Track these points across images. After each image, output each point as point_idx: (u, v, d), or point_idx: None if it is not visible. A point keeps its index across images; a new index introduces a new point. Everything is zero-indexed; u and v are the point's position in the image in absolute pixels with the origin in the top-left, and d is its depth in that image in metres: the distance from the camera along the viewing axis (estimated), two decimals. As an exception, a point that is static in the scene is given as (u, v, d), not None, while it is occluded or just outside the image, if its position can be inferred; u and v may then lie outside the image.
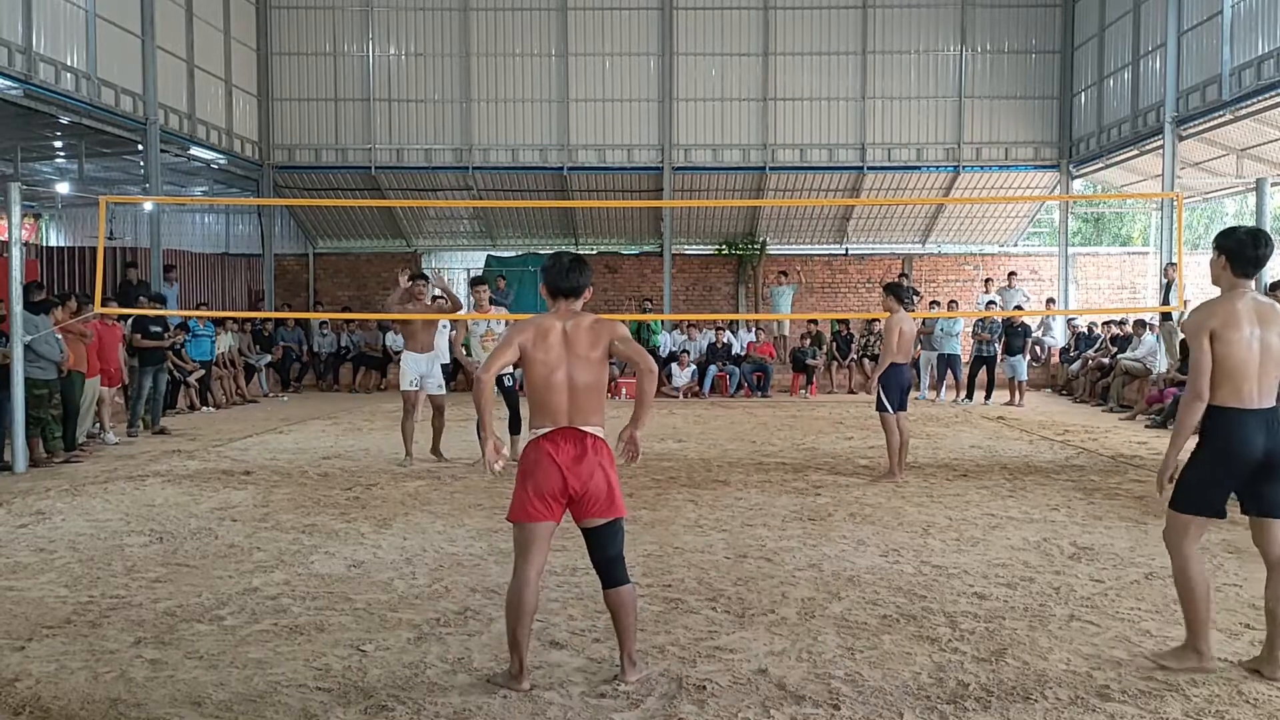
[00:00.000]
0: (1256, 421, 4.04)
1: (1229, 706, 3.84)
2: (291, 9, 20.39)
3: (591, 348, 3.97)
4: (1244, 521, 7.04)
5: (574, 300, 4.11)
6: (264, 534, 6.73)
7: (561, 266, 4.12)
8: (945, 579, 5.60)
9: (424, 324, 9.94)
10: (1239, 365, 4.02)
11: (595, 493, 3.92)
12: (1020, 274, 20.48)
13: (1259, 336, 4.04)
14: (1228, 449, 4.07)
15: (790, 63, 20.38)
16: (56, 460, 9.84)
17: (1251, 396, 4.04)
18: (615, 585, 4.02)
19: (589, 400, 3.96)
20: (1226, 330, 4.02)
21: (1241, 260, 4.11)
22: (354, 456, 10.39)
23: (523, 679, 3.98)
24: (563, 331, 3.99)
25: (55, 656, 4.37)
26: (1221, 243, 4.16)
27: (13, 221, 10.11)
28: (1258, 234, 4.13)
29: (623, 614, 4.03)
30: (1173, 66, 15.90)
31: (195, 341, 14.99)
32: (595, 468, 3.92)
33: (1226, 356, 4.03)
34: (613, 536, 4.01)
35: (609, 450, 4.01)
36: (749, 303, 21.58)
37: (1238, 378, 4.03)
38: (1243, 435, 4.04)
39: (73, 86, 13.77)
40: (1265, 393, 4.07)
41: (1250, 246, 4.09)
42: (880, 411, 9.01)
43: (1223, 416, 4.08)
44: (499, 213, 21.79)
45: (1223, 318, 4.04)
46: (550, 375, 3.94)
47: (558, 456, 3.89)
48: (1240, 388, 4.04)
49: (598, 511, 3.95)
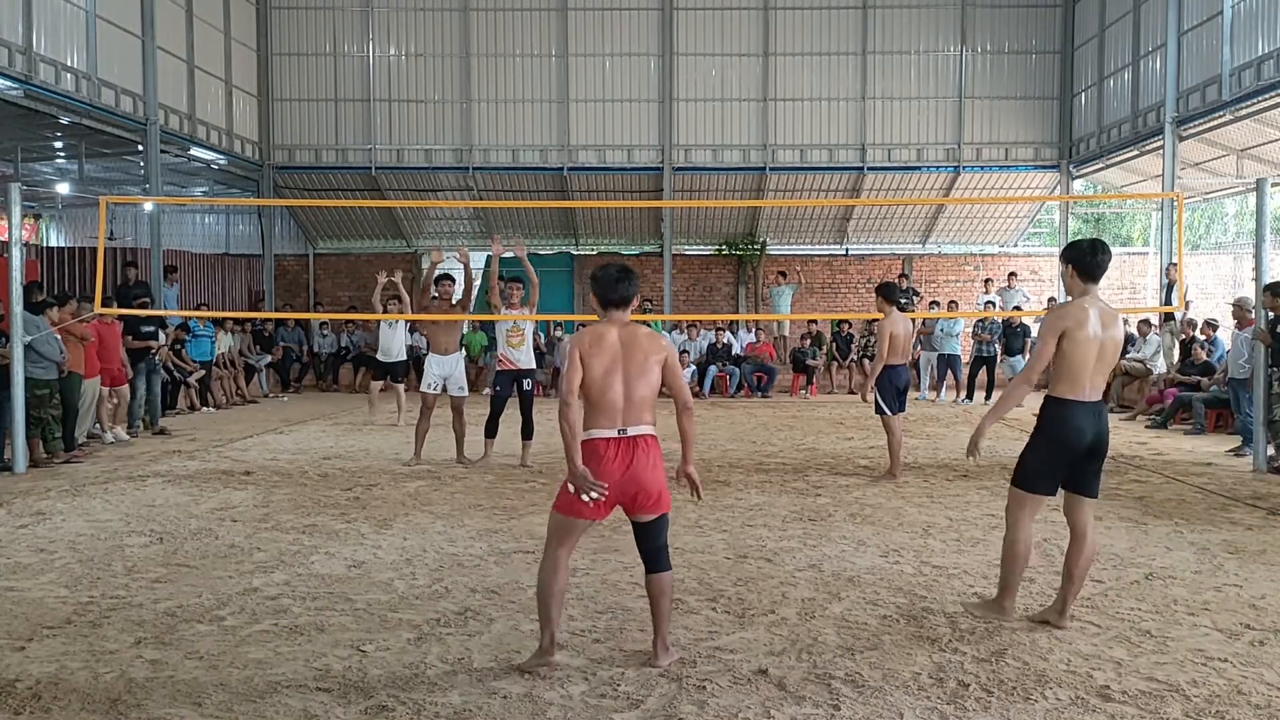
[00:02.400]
0: (1087, 412, 4.59)
1: (1229, 707, 3.84)
2: (291, 9, 20.40)
3: (645, 356, 4.13)
4: (1244, 523, 7.09)
5: (624, 310, 4.26)
6: (264, 534, 6.73)
7: (610, 278, 4.25)
8: (945, 579, 5.61)
9: (446, 325, 9.89)
10: (1080, 362, 4.55)
11: (648, 492, 4.09)
12: (1020, 274, 20.48)
13: (1100, 337, 4.57)
14: (1063, 436, 4.60)
15: (790, 63, 20.39)
16: (56, 460, 9.84)
17: (1085, 390, 4.58)
18: (658, 571, 4.22)
19: (643, 403, 4.11)
20: (1078, 331, 4.54)
21: (1085, 268, 4.65)
22: (354, 457, 10.39)
23: (553, 651, 4.15)
24: (618, 338, 4.15)
25: (55, 657, 4.37)
26: (1069, 254, 4.72)
27: (13, 222, 10.11)
28: (1096, 244, 4.70)
29: (662, 599, 4.21)
30: (1173, 67, 15.90)
31: (195, 342, 14.99)
32: (648, 469, 4.08)
33: (1072, 354, 4.54)
34: (661, 529, 4.22)
35: (659, 449, 4.16)
36: (749, 303, 21.58)
37: (1077, 373, 4.56)
38: (1077, 424, 4.58)
39: (73, 87, 13.77)
40: (1096, 387, 4.63)
41: (1091, 255, 4.64)
42: (880, 415, 9.01)
43: (1060, 407, 4.62)
44: (499, 213, 21.80)
45: (1076, 319, 4.56)
46: (606, 378, 4.08)
47: (614, 462, 4.04)
48: (1078, 382, 4.57)
49: (650, 508, 4.14)
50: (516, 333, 9.56)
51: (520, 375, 9.48)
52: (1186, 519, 7.18)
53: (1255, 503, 7.86)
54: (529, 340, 9.63)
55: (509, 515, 7.34)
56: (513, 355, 9.52)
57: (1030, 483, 4.72)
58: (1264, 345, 9.39)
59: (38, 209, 22.57)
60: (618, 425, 4.07)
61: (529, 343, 9.62)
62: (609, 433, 4.07)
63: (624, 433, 4.07)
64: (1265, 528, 6.97)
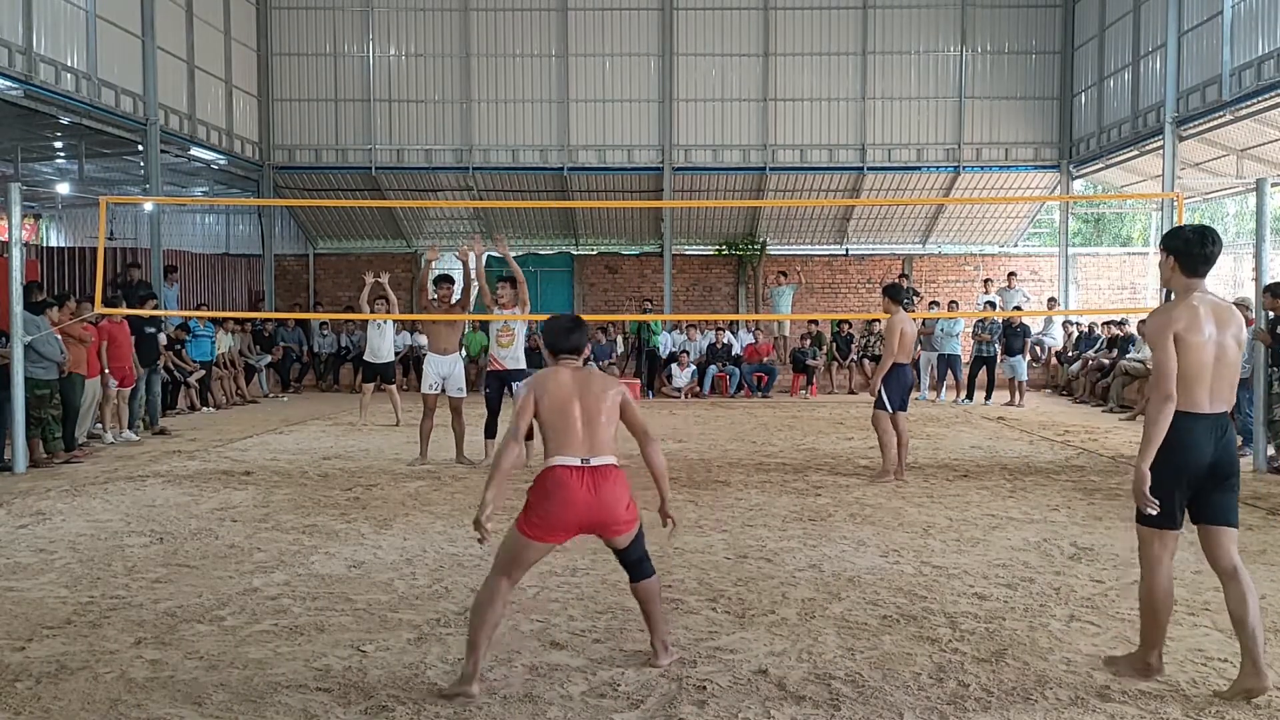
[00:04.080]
0: (1204, 426, 3.91)
1: (1229, 707, 3.84)
2: (291, 9, 20.39)
3: (603, 389, 4.16)
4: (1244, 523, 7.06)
5: (575, 358, 4.29)
6: (264, 534, 6.73)
7: (561, 327, 4.30)
8: (945, 579, 5.61)
9: (446, 326, 9.88)
10: (1196, 369, 3.88)
11: (615, 520, 4.08)
12: (1020, 274, 20.48)
13: (1216, 339, 3.91)
14: (1174, 454, 3.90)
15: (790, 63, 20.38)
16: (56, 460, 9.84)
17: (1202, 400, 3.91)
18: (642, 579, 4.22)
19: (604, 435, 4.08)
20: (1189, 334, 3.88)
21: (1190, 260, 3.97)
22: (354, 457, 10.39)
23: (474, 682, 3.90)
24: (572, 375, 4.18)
25: (55, 657, 4.37)
26: (1169, 243, 4.03)
27: (13, 222, 10.11)
28: (1205, 231, 3.99)
29: (651, 603, 4.23)
30: (1173, 67, 15.90)
31: (195, 342, 14.99)
32: (614, 500, 4.05)
33: (1186, 360, 3.87)
34: (638, 544, 4.21)
35: (624, 477, 4.14)
36: (749, 303, 21.58)
37: (1190, 381, 3.88)
38: (1191, 441, 3.89)
39: (73, 87, 13.77)
40: (1219, 398, 3.94)
41: (1199, 245, 3.95)
42: (878, 410, 9.01)
43: (1174, 420, 3.90)
44: (499, 213, 21.79)
45: (1186, 320, 3.89)
46: (564, 407, 4.07)
47: (579, 490, 3.99)
48: (1193, 392, 3.89)
49: (621, 532, 4.13)
50: (506, 332, 9.55)
51: (509, 376, 9.45)
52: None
53: (1255, 503, 7.85)
54: (519, 340, 9.60)
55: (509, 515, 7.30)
56: (500, 355, 9.52)
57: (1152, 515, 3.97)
58: (1264, 345, 9.38)
59: (38, 209, 22.56)
60: (580, 454, 4.03)
61: (519, 343, 9.59)
62: (573, 460, 4.02)
63: (587, 462, 4.02)
64: (1265, 528, 6.97)
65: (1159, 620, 4.02)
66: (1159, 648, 4.08)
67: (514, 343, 9.52)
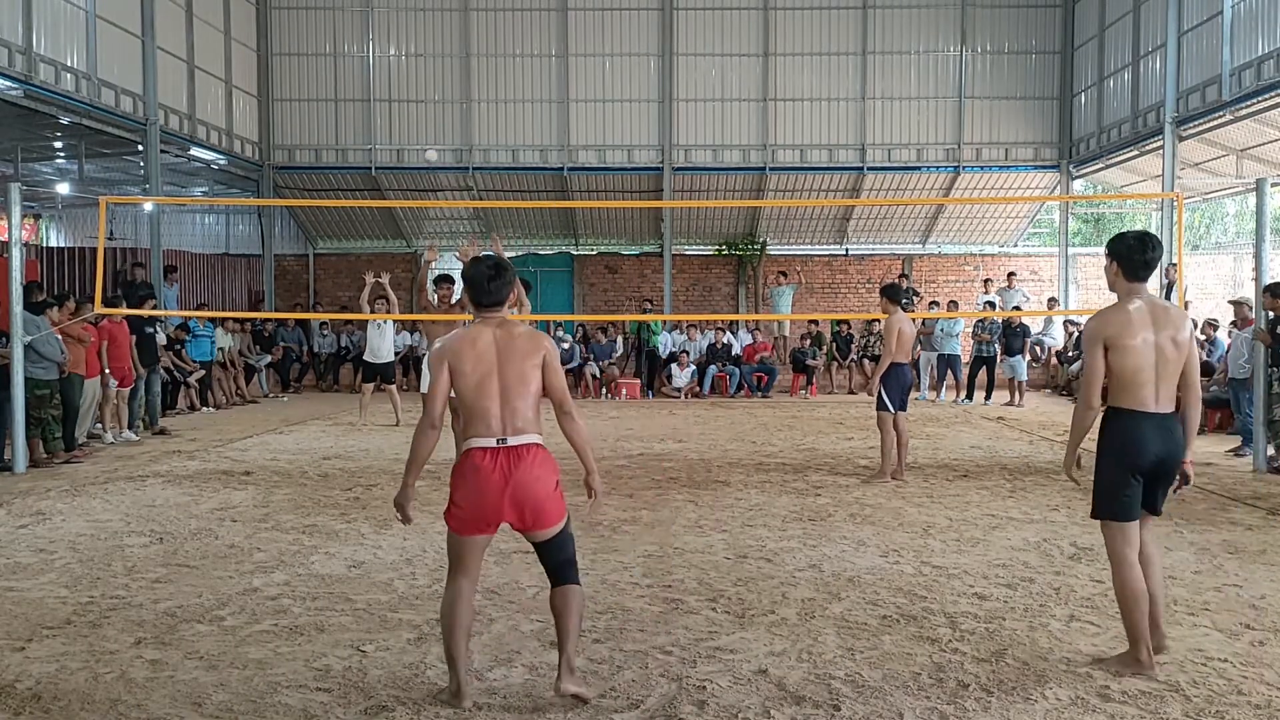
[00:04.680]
0: (1152, 424, 4.10)
1: (1229, 707, 3.84)
2: (291, 9, 20.39)
3: (525, 357, 3.78)
4: (1244, 523, 7.09)
5: (498, 310, 3.90)
6: (264, 534, 6.73)
7: (481, 276, 3.86)
8: (945, 579, 5.60)
9: (446, 326, 9.87)
10: (1134, 372, 4.08)
11: (535, 506, 3.71)
12: (1020, 274, 20.48)
13: (1154, 342, 4.10)
14: (1123, 450, 4.12)
15: (790, 63, 20.38)
16: (56, 460, 9.84)
17: (1147, 399, 4.10)
18: (564, 583, 3.82)
19: (524, 407, 3.74)
20: (1122, 338, 4.08)
21: (1131, 265, 4.18)
22: (354, 457, 10.39)
23: (463, 698, 3.78)
24: (493, 339, 3.80)
25: (55, 657, 4.37)
26: (1112, 248, 4.24)
27: (13, 222, 10.11)
28: (1145, 238, 4.20)
29: (568, 615, 3.79)
30: (1173, 67, 15.90)
31: (195, 342, 14.99)
32: (533, 480, 3.70)
33: (1122, 364, 4.08)
34: (562, 544, 3.83)
35: (548, 458, 3.78)
36: (749, 303, 21.58)
37: (1134, 383, 4.09)
38: (1136, 436, 4.10)
39: (73, 87, 13.77)
40: (1165, 397, 4.12)
41: (1139, 251, 4.15)
42: (880, 410, 9.02)
43: (1117, 418, 4.16)
44: (499, 213, 21.79)
45: (1117, 326, 4.10)
46: (481, 383, 3.73)
47: (494, 474, 3.68)
48: (1139, 391, 4.10)
49: (543, 523, 3.75)
50: None
51: None
52: (1186, 519, 7.18)
53: (1255, 503, 7.86)
54: None
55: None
56: None
57: (1106, 507, 4.17)
58: (1264, 345, 9.39)
59: (38, 209, 22.56)
60: (496, 434, 3.72)
61: None
62: (487, 442, 3.71)
63: (504, 442, 3.70)
64: (1265, 528, 6.97)
65: (1137, 612, 4.10)
66: (1145, 641, 4.11)
67: None
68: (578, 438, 3.89)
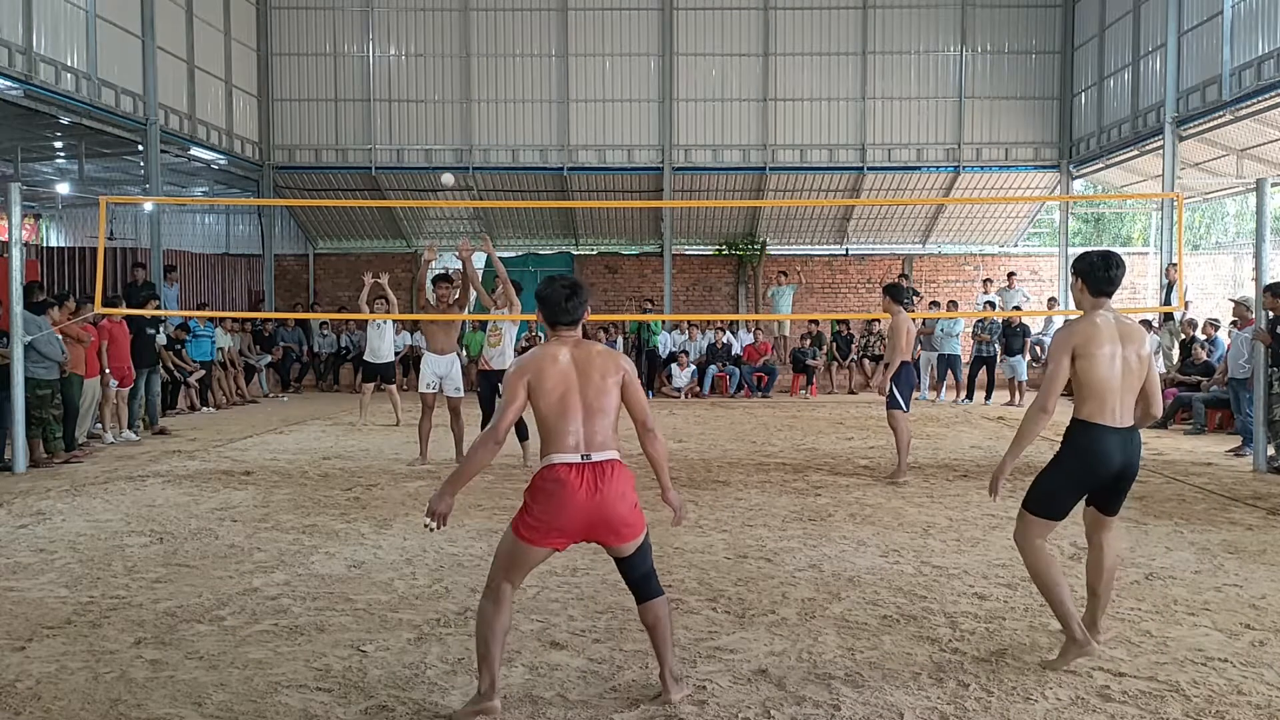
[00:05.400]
0: (1115, 438, 4.21)
1: (1229, 707, 3.84)
2: (291, 9, 20.39)
3: (604, 375, 3.76)
4: (1244, 523, 7.09)
5: (574, 329, 3.87)
6: (264, 534, 6.73)
7: (558, 296, 3.82)
8: (945, 579, 5.61)
9: (443, 325, 9.87)
10: (1102, 383, 4.18)
11: (622, 521, 3.73)
12: (1020, 274, 20.48)
13: (1121, 355, 4.21)
14: (1087, 462, 4.23)
15: (790, 63, 20.38)
16: (56, 460, 9.84)
17: (1112, 414, 4.20)
18: (650, 598, 3.84)
19: (604, 424, 3.74)
20: (1089, 347, 4.18)
21: (1095, 281, 4.31)
22: (354, 457, 10.39)
23: (494, 695, 3.71)
24: (571, 357, 3.77)
25: (56, 657, 4.37)
26: (1077, 266, 4.40)
27: (13, 222, 10.11)
28: (1109, 256, 4.35)
29: (660, 626, 3.83)
30: (1173, 67, 15.90)
31: (195, 342, 15.00)
32: (617, 498, 3.70)
33: (1091, 374, 4.18)
34: (644, 556, 3.85)
35: (629, 473, 3.80)
36: (749, 303, 21.58)
37: (1101, 394, 4.19)
38: (1102, 449, 4.20)
39: (73, 87, 13.77)
40: (1126, 411, 4.24)
41: (1103, 268, 4.30)
42: (893, 410, 8.91)
43: (1085, 431, 4.24)
44: (499, 213, 21.80)
45: (1084, 336, 4.20)
46: (562, 401, 3.71)
47: (580, 490, 3.65)
48: (1104, 404, 4.20)
49: (626, 537, 3.76)
50: (494, 332, 9.59)
51: (496, 377, 9.45)
52: (1186, 519, 7.18)
53: (1255, 503, 7.86)
54: (507, 341, 9.62)
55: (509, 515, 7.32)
56: (489, 355, 9.58)
57: (1044, 507, 4.29)
58: (1264, 345, 9.39)
59: (38, 209, 22.57)
60: (580, 450, 3.68)
61: (506, 343, 9.60)
62: (571, 457, 3.67)
63: (588, 458, 3.68)
64: (1265, 528, 6.97)
65: (1060, 591, 4.22)
66: (1075, 618, 4.20)
67: (501, 342, 9.53)
68: (658, 455, 3.95)
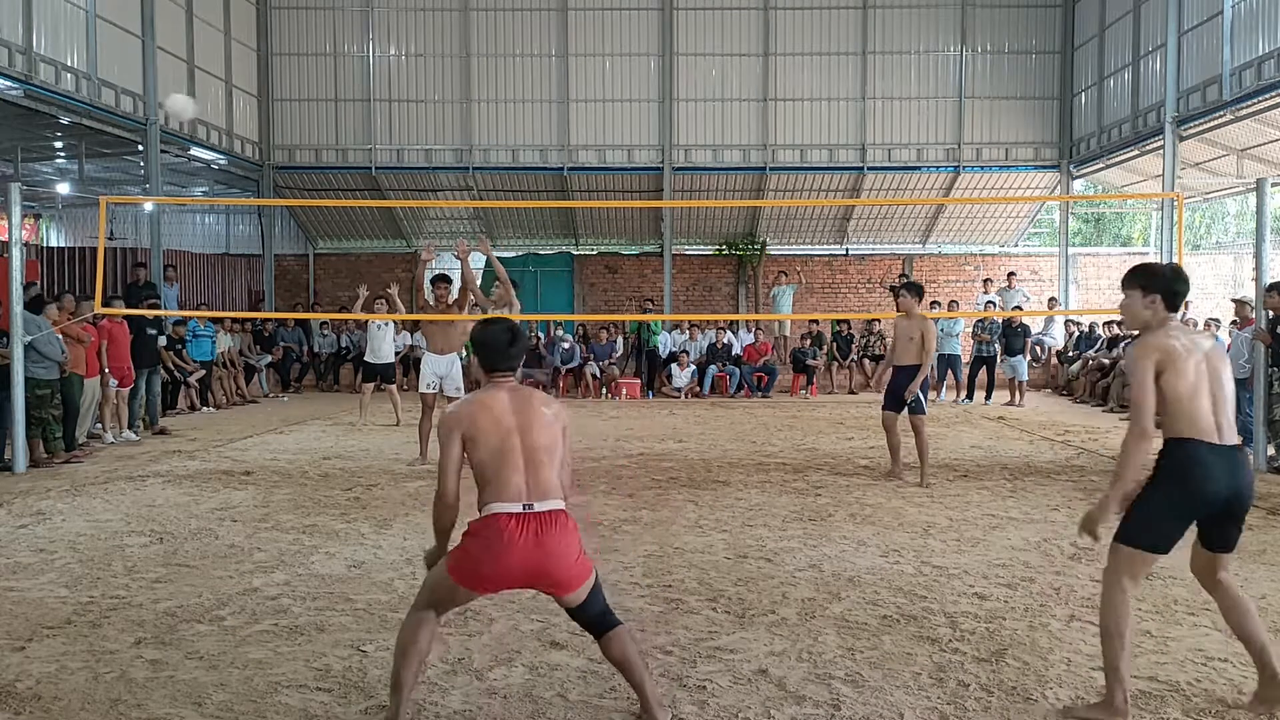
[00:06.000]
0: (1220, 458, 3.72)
1: (1230, 707, 3.83)
2: (291, 9, 20.39)
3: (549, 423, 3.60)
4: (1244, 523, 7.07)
5: (511, 375, 3.70)
6: (264, 534, 6.73)
7: (498, 341, 3.68)
8: (946, 579, 5.60)
9: (443, 325, 9.85)
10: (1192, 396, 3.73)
11: (562, 574, 3.51)
12: (1020, 274, 20.48)
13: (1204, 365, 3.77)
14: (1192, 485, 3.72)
15: (790, 63, 20.38)
16: (56, 460, 9.83)
17: (1213, 430, 3.73)
18: (608, 630, 3.61)
19: (548, 473, 3.54)
20: (1177, 360, 3.73)
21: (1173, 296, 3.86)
22: (354, 457, 10.39)
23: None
24: (509, 403, 3.59)
25: (56, 657, 4.37)
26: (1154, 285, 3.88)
27: (13, 222, 10.11)
28: (1178, 269, 3.98)
29: (627, 659, 3.60)
30: (1173, 67, 15.90)
31: (195, 342, 15.00)
32: (561, 552, 3.48)
33: (1178, 388, 3.72)
34: (594, 599, 3.61)
35: (571, 524, 3.57)
36: (749, 303, 21.58)
37: (1196, 411, 3.73)
38: (1206, 472, 3.69)
39: (73, 87, 13.77)
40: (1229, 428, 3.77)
41: (1179, 282, 3.89)
42: (916, 414, 8.77)
43: (1183, 449, 3.72)
44: (499, 213, 21.80)
45: (1165, 349, 3.75)
46: (503, 448, 3.51)
47: (520, 541, 3.43)
48: (1201, 420, 3.73)
49: (571, 587, 3.54)
50: None
51: None
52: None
53: (1255, 503, 7.81)
54: None
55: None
56: None
57: (1148, 539, 3.70)
58: (1264, 345, 9.39)
59: (38, 209, 22.57)
60: (523, 499, 3.47)
61: None
62: (513, 507, 3.46)
63: (530, 508, 3.47)
64: (1265, 528, 6.97)
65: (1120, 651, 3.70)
66: (1126, 683, 3.72)
67: None
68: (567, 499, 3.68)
